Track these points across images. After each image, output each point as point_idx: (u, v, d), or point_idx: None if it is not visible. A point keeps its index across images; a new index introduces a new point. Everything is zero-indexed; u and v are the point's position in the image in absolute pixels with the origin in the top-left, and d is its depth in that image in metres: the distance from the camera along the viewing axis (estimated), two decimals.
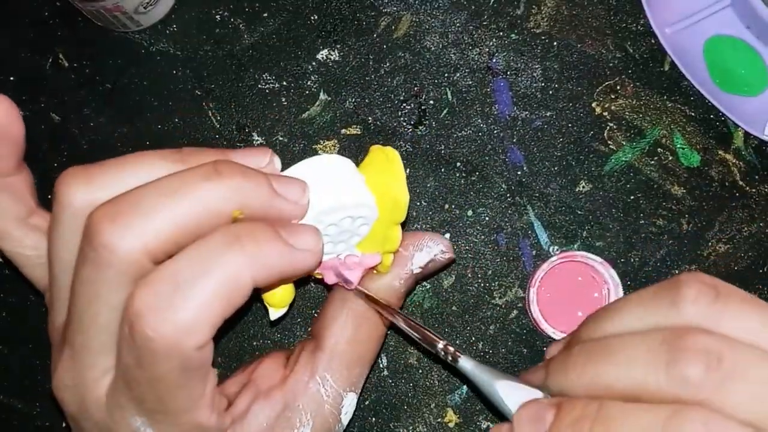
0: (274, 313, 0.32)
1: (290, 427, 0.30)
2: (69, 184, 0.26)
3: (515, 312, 0.41)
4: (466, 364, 0.30)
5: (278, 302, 0.31)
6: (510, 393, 0.28)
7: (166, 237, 0.24)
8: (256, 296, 0.31)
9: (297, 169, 0.29)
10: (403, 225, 0.33)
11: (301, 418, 0.30)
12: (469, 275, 0.41)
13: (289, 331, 0.41)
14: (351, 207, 0.29)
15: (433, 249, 0.34)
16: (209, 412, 0.27)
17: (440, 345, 0.30)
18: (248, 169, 0.26)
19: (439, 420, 0.40)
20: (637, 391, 0.24)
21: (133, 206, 0.24)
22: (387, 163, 0.30)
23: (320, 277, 0.33)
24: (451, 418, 0.40)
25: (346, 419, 0.32)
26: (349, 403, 0.32)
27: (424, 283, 0.41)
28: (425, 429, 0.40)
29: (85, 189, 0.26)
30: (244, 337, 0.41)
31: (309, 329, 0.41)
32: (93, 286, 0.25)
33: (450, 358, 0.30)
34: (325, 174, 0.29)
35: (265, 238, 0.25)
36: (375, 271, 0.34)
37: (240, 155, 0.28)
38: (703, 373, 0.22)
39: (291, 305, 0.32)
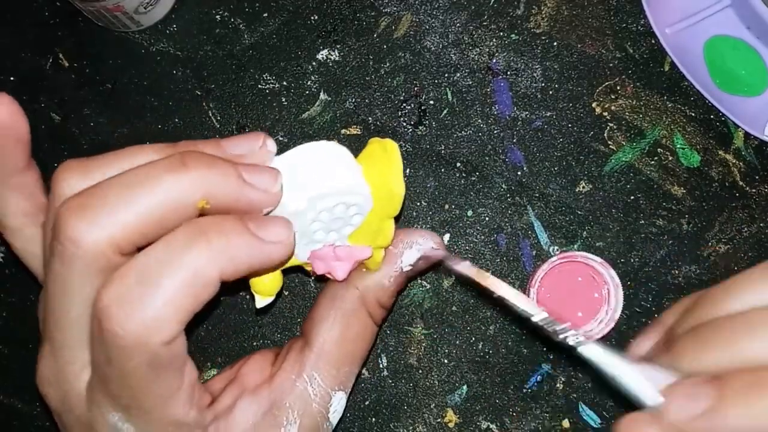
0: (261, 301, 0.31)
1: (277, 426, 0.30)
2: (65, 177, 0.26)
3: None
4: (590, 350, 0.28)
5: (265, 290, 0.31)
6: (644, 377, 0.26)
7: (132, 229, 0.24)
8: (244, 284, 0.31)
9: (293, 153, 0.29)
10: (402, 224, 0.33)
11: (288, 416, 0.30)
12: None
13: (288, 330, 0.41)
14: (345, 193, 0.29)
15: (423, 246, 0.33)
16: (186, 407, 0.27)
17: (566, 329, 0.29)
18: (216, 159, 0.26)
19: (438, 420, 0.40)
20: None
21: (99, 199, 0.24)
22: (384, 154, 0.30)
23: (309, 268, 0.32)
24: (451, 418, 0.40)
25: (334, 418, 0.32)
26: (338, 402, 0.31)
27: (424, 283, 0.41)
28: (425, 429, 0.40)
29: (79, 181, 0.26)
30: (244, 337, 0.41)
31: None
32: (62, 280, 0.25)
33: (573, 342, 0.28)
34: (322, 159, 0.29)
35: (233, 231, 0.25)
36: (364, 268, 0.33)
37: (233, 142, 0.28)
38: None
39: (278, 294, 0.32)
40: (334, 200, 0.29)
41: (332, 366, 0.31)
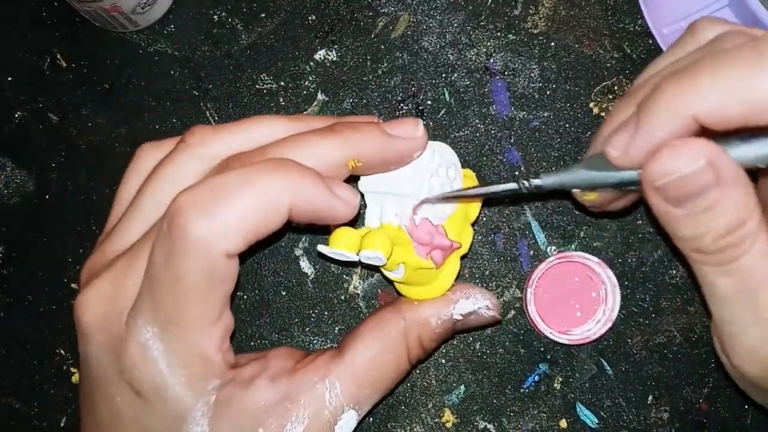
0: (328, 249, 0.31)
1: (285, 418, 0.30)
2: (199, 133, 0.30)
3: (513, 312, 0.41)
4: (547, 180, 0.30)
5: (344, 244, 0.31)
6: (598, 166, 0.29)
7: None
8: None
9: None
10: None
11: (298, 413, 0.30)
12: (467, 275, 0.41)
13: (286, 331, 0.41)
14: (453, 162, 0.33)
15: (479, 302, 0.34)
16: (216, 346, 0.28)
17: (518, 183, 0.31)
18: (360, 123, 0.30)
19: (436, 420, 0.40)
20: None
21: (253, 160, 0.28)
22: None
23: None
24: (449, 418, 0.40)
25: None
26: (347, 420, 0.31)
27: None
28: (422, 429, 0.40)
29: (213, 137, 0.30)
30: (242, 337, 0.41)
31: (307, 330, 0.41)
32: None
33: (532, 185, 0.30)
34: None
35: (309, 173, 0.27)
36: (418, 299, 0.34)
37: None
38: (745, 38, 0.27)
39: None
40: (437, 161, 0.32)
41: (355, 382, 0.31)
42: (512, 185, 0.31)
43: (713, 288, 0.27)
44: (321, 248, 0.32)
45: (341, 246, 0.31)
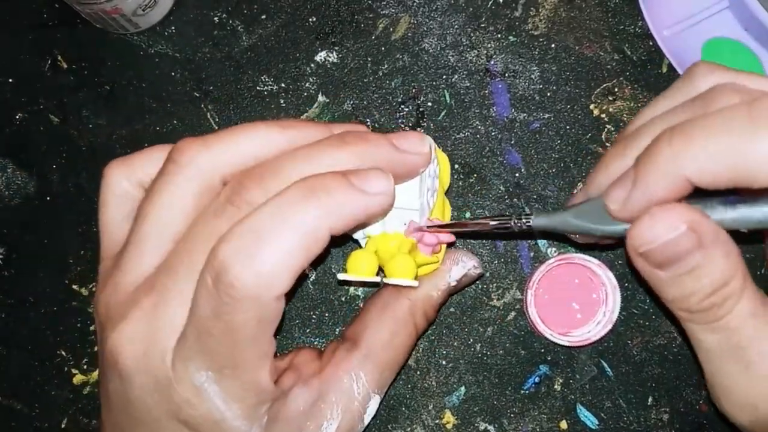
0: (350, 276, 0.32)
1: (321, 418, 0.30)
2: (188, 151, 0.29)
3: (513, 314, 0.41)
4: (538, 221, 0.31)
5: (360, 270, 0.32)
6: (587, 211, 0.30)
7: None
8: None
9: None
10: None
11: (332, 411, 0.31)
12: None
13: (287, 332, 0.41)
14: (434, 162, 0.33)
15: (467, 264, 0.36)
16: (270, 375, 0.28)
17: (511, 221, 0.32)
18: (370, 135, 0.29)
19: (437, 421, 0.40)
20: None
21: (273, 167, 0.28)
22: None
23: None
24: (449, 419, 0.40)
25: (367, 420, 0.32)
26: (374, 405, 0.32)
27: None
28: (423, 430, 0.40)
29: (206, 154, 0.29)
30: None
31: (307, 331, 0.41)
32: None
33: (524, 224, 0.32)
34: None
35: (339, 187, 0.26)
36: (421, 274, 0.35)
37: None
38: (738, 98, 0.27)
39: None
40: (434, 167, 0.33)
41: (377, 368, 0.32)
42: (504, 221, 0.32)
43: (701, 343, 0.28)
44: (341, 276, 0.32)
45: (362, 273, 0.31)
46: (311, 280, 0.41)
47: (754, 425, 0.29)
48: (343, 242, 0.41)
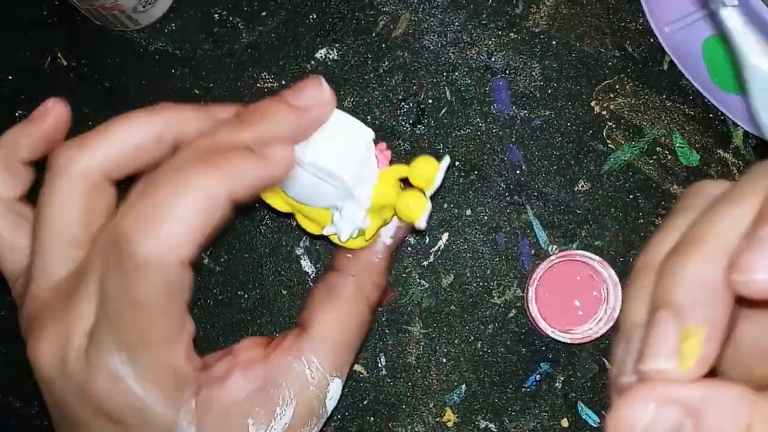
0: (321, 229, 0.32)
1: (272, 403, 0.30)
2: (64, 153, 0.28)
3: (514, 311, 0.41)
4: None
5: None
6: None
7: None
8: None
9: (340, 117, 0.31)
10: None
11: (284, 395, 0.30)
12: (468, 274, 0.41)
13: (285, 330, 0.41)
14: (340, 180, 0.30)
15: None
16: (185, 357, 0.27)
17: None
18: (265, 106, 0.29)
19: (437, 419, 0.40)
20: None
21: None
22: (423, 180, 0.32)
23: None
24: (450, 417, 0.40)
25: (331, 405, 0.32)
26: (335, 389, 0.31)
27: (423, 282, 0.41)
28: (423, 428, 0.40)
29: (83, 155, 0.28)
30: (242, 336, 0.41)
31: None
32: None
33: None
34: (348, 140, 0.31)
35: (237, 154, 0.26)
36: (354, 246, 0.34)
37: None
38: None
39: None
40: (320, 172, 0.30)
41: (330, 351, 0.31)
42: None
43: None
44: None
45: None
46: (312, 278, 0.41)
47: None
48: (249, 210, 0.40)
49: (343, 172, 0.30)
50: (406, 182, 0.33)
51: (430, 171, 0.32)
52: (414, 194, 0.32)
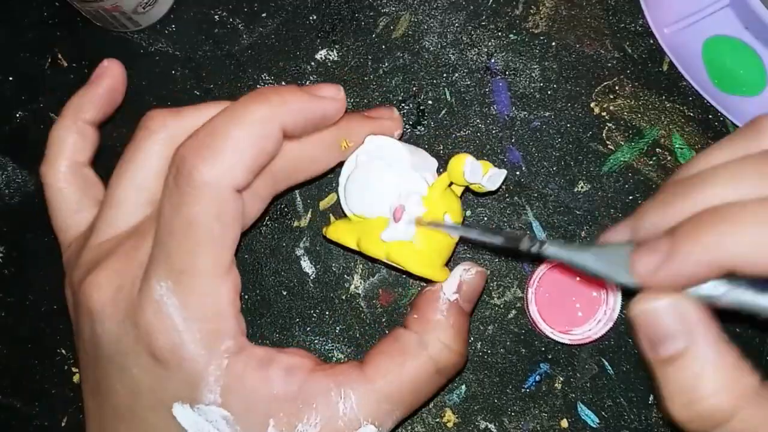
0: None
1: (297, 417, 0.29)
2: (159, 117, 0.31)
3: (513, 312, 0.41)
4: (552, 249, 0.29)
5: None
6: (610, 258, 0.28)
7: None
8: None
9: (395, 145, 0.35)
10: None
11: (310, 416, 0.29)
12: None
13: (287, 331, 0.41)
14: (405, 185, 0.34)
15: (456, 271, 0.34)
16: (229, 299, 0.28)
17: (525, 239, 0.30)
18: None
19: (437, 420, 0.40)
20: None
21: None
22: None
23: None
24: (450, 417, 0.40)
25: None
26: None
27: (423, 282, 0.41)
28: (423, 429, 0.40)
29: (176, 120, 0.31)
30: None
31: (308, 329, 0.41)
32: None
33: (536, 247, 0.30)
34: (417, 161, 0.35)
35: (288, 90, 0.29)
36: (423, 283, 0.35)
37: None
38: None
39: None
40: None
41: (373, 396, 0.30)
42: (514, 241, 0.30)
43: None
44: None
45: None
46: (312, 278, 0.41)
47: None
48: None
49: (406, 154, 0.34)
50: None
51: (456, 164, 0.34)
52: (458, 158, 0.34)
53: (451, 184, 0.35)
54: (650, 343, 0.26)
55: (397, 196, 0.33)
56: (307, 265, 0.42)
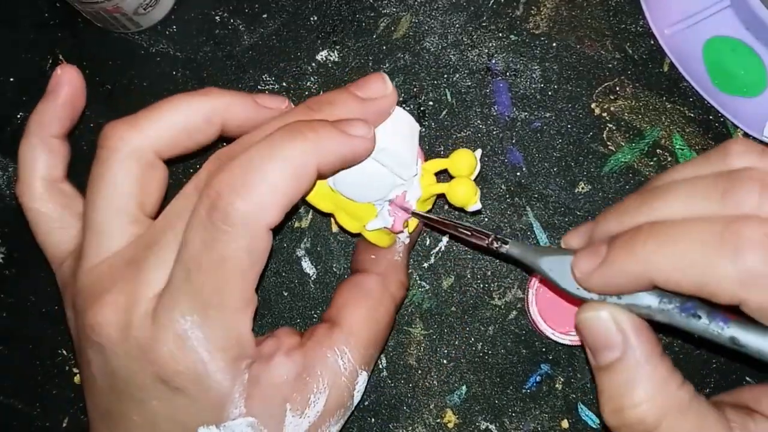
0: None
1: (307, 391, 0.30)
2: (114, 134, 0.30)
3: (514, 313, 0.41)
4: (513, 249, 0.32)
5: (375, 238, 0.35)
6: (560, 264, 0.30)
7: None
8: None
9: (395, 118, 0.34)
10: None
11: (318, 384, 0.30)
12: (469, 276, 0.41)
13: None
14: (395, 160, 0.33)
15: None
16: (250, 326, 0.28)
17: (489, 238, 0.33)
18: (332, 96, 0.31)
19: (438, 420, 0.40)
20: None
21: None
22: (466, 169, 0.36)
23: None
24: (450, 418, 0.40)
25: (357, 398, 0.32)
26: (363, 381, 0.32)
27: (423, 284, 0.41)
28: (424, 429, 0.40)
29: (134, 133, 0.30)
30: None
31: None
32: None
33: (497, 244, 0.33)
34: (406, 130, 0.34)
35: (323, 127, 0.28)
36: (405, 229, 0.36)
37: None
38: (757, 195, 0.25)
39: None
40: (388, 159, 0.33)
41: (360, 345, 0.32)
42: (481, 238, 0.33)
43: None
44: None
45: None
46: (313, 279, 0.41)
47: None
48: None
49: (411, 159, 0.33)
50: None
51: (471, 160, 0.35)
52: (464, 181, 0.35)
53: (438, 173, 0.37)
54: (591, 350, 0.29)
55: (390, 191, 0.34)
56: (307, 266, 0.42)
